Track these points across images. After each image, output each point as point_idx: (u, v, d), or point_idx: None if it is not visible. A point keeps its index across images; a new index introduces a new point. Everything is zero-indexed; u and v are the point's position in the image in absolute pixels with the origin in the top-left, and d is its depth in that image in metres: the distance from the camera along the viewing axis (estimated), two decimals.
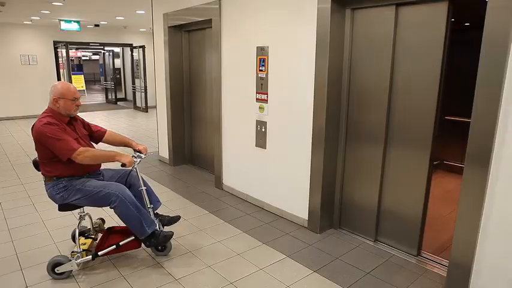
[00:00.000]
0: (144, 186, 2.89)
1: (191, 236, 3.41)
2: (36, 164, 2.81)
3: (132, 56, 12.89)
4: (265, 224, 3.68)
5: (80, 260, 2.73)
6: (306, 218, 3.57)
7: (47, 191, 2.74)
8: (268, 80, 3.77)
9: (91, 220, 3.12)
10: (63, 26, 9.75)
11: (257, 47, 3.83)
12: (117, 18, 9.84)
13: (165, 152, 5.98)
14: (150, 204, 2.88)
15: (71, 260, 2.70)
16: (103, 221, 3.35)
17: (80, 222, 2.85)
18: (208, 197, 4.46)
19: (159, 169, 5.62)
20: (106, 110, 12.75)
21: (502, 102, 2.18)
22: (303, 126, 3.45)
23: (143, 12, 8.56)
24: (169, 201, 4.26)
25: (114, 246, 2.77)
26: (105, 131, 3.10)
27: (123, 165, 2.68)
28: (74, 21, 9.88)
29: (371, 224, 3.33)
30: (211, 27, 4.48)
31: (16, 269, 2.85)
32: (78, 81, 16.35)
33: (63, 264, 2.69)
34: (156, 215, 3.00)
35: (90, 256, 2.75)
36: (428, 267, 2.91)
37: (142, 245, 2.84)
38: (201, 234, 3.45)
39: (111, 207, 2.67)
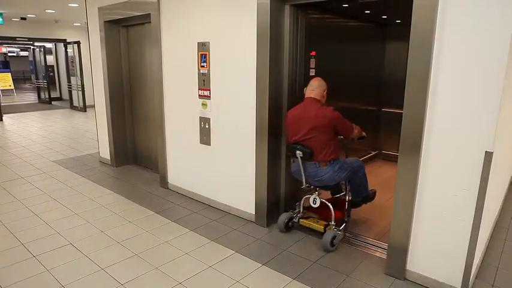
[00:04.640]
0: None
1: (137, 238, 3.29)
2: (310, 154, 2.95)
3: (66, 52, 12.09)
4: (213, 221, 3.65)
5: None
6: (253, 212, 3.60)
7: (322, 176, 3.02)
8: (210, 76, 3.73)
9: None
10: None
11: (198, 43, 3.77)
12: (47, 11, 9.19)
13: (106, 153, 5.70)
14: None
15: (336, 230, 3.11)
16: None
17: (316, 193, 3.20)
18: (154, 196, 4.33)
19: (100, 170, 5.34)
20: (39, 111, 11.85)
21: (429, 92, 2.34)
22: (247, 121, 3.46)
23: (76, 5, 8.08)
24: (111, 204, 4.07)
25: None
26: None
27: (362, 138, 3.25)
28: None
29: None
30: (150, 22, 4.33)
31: None
32: (5, 80, 15.06)
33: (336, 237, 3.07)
34: None
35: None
36: (371, 252, 3.07)
37: None
38: (147, 236, 3.34)
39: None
